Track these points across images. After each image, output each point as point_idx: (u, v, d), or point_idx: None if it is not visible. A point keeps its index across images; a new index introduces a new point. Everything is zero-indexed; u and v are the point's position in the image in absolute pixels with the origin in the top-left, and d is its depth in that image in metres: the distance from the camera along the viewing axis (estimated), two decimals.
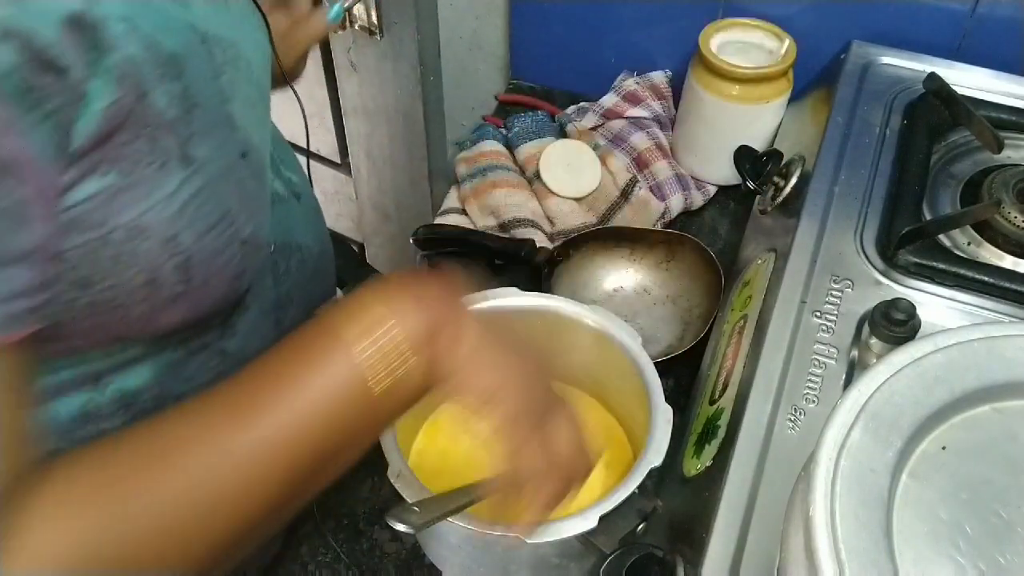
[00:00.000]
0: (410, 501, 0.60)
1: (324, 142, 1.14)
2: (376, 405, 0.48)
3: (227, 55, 0.51)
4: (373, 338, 0.47)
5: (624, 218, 0.98)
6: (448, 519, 0.58)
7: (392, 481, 0.61)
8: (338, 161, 1.16)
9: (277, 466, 0.46)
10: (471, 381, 0.50)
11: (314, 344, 0.48)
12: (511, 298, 0.72)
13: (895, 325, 0.63)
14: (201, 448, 0.45)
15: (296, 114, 1.13)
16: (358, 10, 0.91)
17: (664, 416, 0.64)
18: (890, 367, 0.49)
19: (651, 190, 1.00)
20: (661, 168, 1.02)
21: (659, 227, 0.98)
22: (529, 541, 0.57)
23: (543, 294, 0.73)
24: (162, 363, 0.55)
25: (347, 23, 0.92)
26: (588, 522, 0.58)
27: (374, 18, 0.90)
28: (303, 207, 0.69)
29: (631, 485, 0.60)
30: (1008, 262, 0.73)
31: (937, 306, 0.69)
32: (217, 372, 0.58)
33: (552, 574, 0.64)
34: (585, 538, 0.59)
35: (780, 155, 0.86)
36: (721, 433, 0.65)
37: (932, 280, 0.70)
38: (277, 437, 0.45)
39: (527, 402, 0.52)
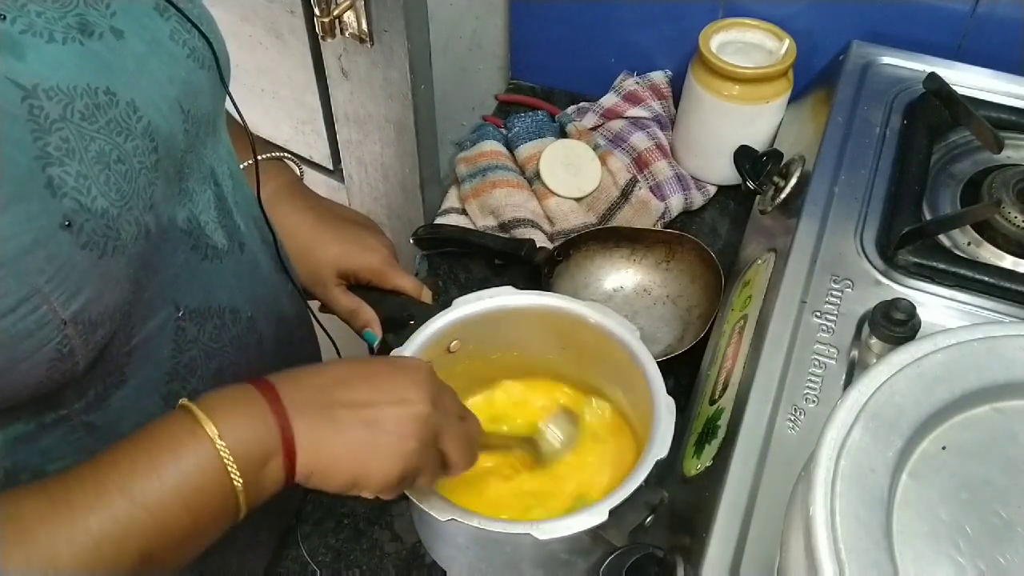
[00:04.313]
0: (416, 501, 0.60)
1: (316, 148, 1.14)
2: (232, 497, 0.49)
3: (72, 108, 0.46)
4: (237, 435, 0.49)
5: (624, 218, 0.98)
6: (457, 520, 0.59)
7: None
8: (331, 168, 1.16)
9: (124, 554, 0.45)
10: (327, 484, 0.53)
11: (173, 432, 0.48)
12: (508, 297, 0.72)
13: (895, 325, 0.63)
14: (45, 531, 0.44)
15: (288, 120, 1.14)
16: (348, 17, 0.91)
17: (667, 408, 0.64)
18: (890, 367, 0.49)
19: (651, 190, 1.00)
20: (661, 168, 1.02)
21: (659, 227, 0.98)
22: (541, 538, 0.58)
23: (540, 292, 0.73)
24: (10, 435, 0.51)
25: (338, 30, 0.92)
26: (599, 516, 0.58)
27: (364, 26, 0.90)
28: (241, 263, 0.64)
29: (639, 478, 0.60)
30: (1008, 262, 0.73)
31: (937, 306, 0.69)
32: (83, 446, 0.55)
33: (560, 570, 0.64)
34: (595, 532, 0.59)
35: (780, 155, 0.86)
36: (721, 433, 0.65)
37: (932, 280, 0.70)
38: (123, 524, 0.45)
39: (393, 461, 0.53)
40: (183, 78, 0.55)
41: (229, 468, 0.48)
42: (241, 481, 0.48)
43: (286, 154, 0.82)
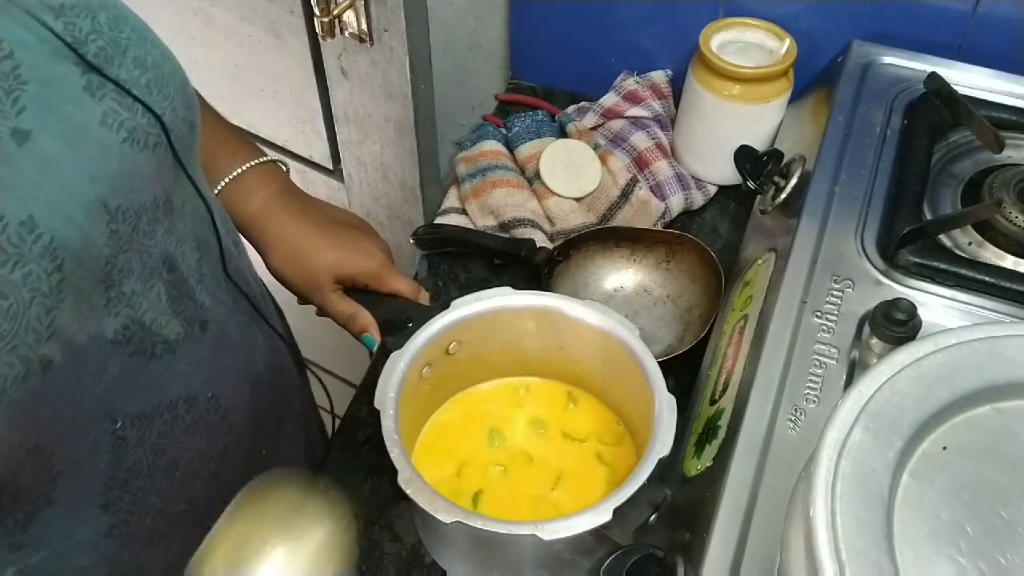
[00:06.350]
0: (423, 505, 0.60)
1: (316, 148, 1.14)
2: None
3: None
4: None
5: (624, 218, 0.98)
6: (462, 522, 0.58)
7: (404, 488, 0.61)
8: (330, 167, 1.16)
9: None
10: None
11: None
12: (507, 297, 0.72)
13: (896, 325, 0.63)
14: None
15: (287, 120, 1.14)
16: (348, 17, 0.90)
17: (668, 406, 0.64)
18: (891, 367, 0.49)
19: (651, 190, 1.00)
20: (661, 168, 1.01)
21: (659, 227, 0.98)
22: (546, 539, 0.57)
23: (539, 292, 0.73)
24: None
25: (338, 30, 0.92)
26: (603, 515, 0.58)
27: (364, 26, 0.90)
28: (202, 344, 0.59)
29: (642, 476, 0.60)
30: (1009, 262, 0.73)
31: (938, 306, 0.69)
32: (11, 561, 0.51)
33: (563, 570, 0.64)
34: (599, 532, 0.59)
35: (780, 155, 0.86)
36: (721, 433, 0.65)
37: (933, 280, 0.70)
38: None
39: None
40: (112, 171, 0.49)
41: None
42: None
43: (268, 159, 0.81)
